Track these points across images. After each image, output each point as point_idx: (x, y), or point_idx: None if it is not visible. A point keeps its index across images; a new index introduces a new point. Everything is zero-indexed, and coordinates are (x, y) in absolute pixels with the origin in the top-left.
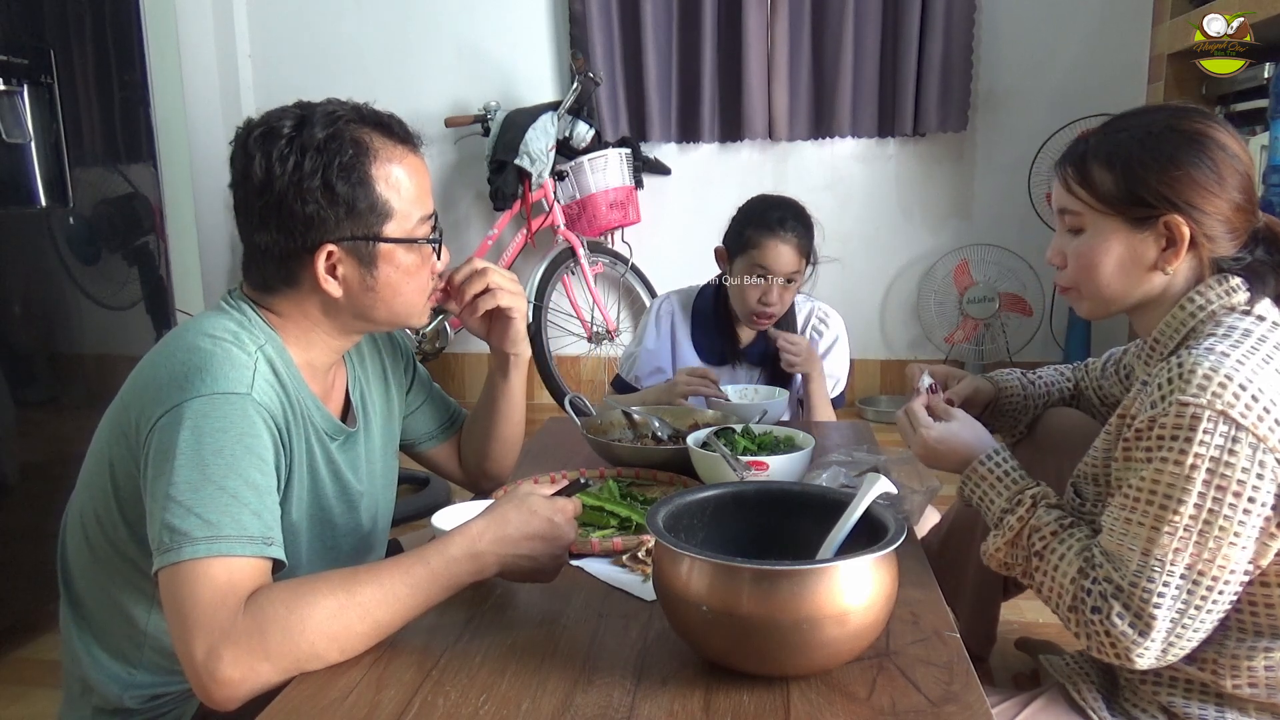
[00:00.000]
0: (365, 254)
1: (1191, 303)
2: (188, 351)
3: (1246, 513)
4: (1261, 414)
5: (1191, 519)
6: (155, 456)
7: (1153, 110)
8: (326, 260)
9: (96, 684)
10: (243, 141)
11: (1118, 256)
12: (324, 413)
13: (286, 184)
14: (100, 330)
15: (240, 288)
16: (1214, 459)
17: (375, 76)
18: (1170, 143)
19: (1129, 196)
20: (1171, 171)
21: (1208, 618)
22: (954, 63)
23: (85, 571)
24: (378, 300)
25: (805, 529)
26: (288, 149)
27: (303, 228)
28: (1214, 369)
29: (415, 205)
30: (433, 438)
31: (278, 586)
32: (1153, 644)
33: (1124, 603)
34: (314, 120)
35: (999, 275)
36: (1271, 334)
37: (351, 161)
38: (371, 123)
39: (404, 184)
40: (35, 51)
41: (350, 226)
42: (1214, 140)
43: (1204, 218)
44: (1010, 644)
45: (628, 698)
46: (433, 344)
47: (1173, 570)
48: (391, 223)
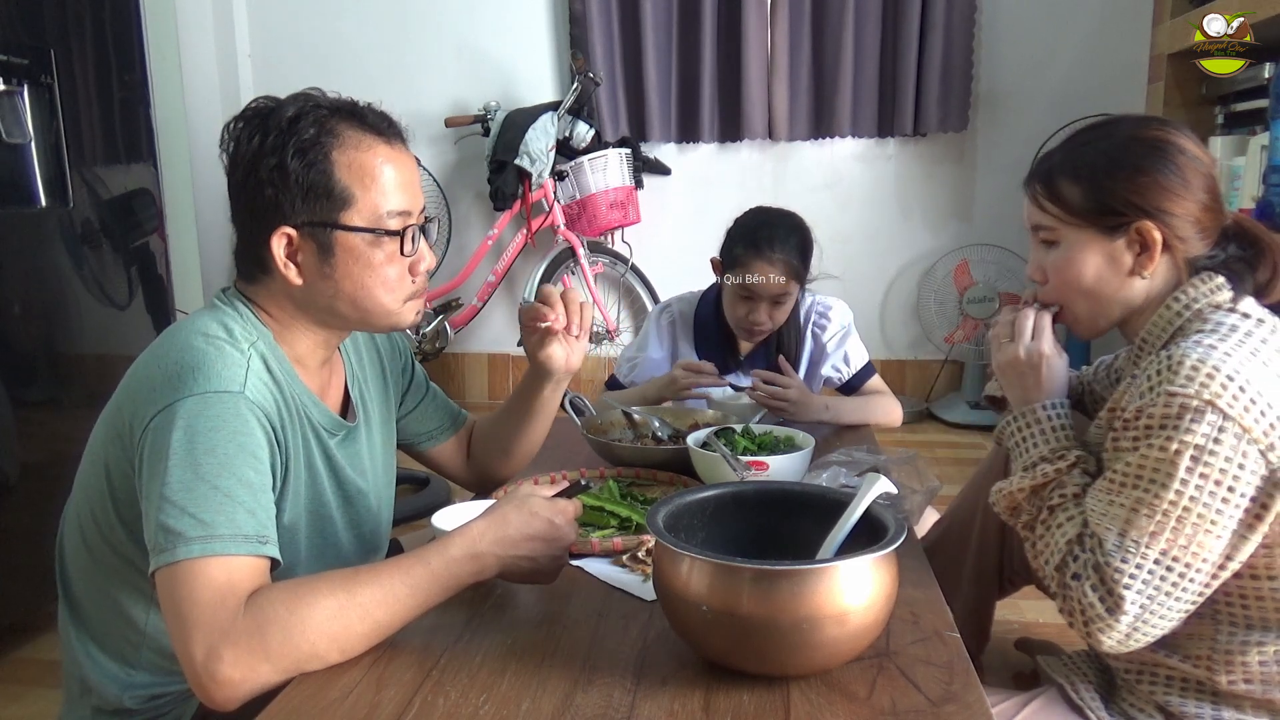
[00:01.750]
0: (322, 241)
1: (1178, 301)
2: (181, 351)
3: (1225, 502)
4: (1248, 405)
5: (1171, 504)
6: (149, 457)
7: (1111, 122)
8: (286, 246)
9: (96, 684)
10: (227, 128)
11: (1095, 266)
12: (321, 408)
13: (249, 163)
14: (100, 330)
15: (234, 284)
16: (1198, 447)
17: (375, 76)
18: (1133, 151)
19: (1099, 207)
20: (1138, 179)
21: (1176, 605)
22: (954, 63)
23: (83, 572)
24: (338, 292)
25: (805, 529)
26: (254, 128)
27: (261, 209)
28: (1202, 360)
29: (383, 197)
30: (433, 437)
31: (277, 586)
32: (1119, 624)
33: (1100, 577)
34: (284, 106)
35: (999, 275)
36: (1258, 330)
37: (310, 143)
38: (346, 112)
39: (371, 174)
40: (35, 51)
41: (306, 211)
42: (1175, 145)
43: (1173, 220)
44: (1010, 644)
45: (628, 698)
46: (433, 344)
47: (1147, 553)
48: (351, 211)
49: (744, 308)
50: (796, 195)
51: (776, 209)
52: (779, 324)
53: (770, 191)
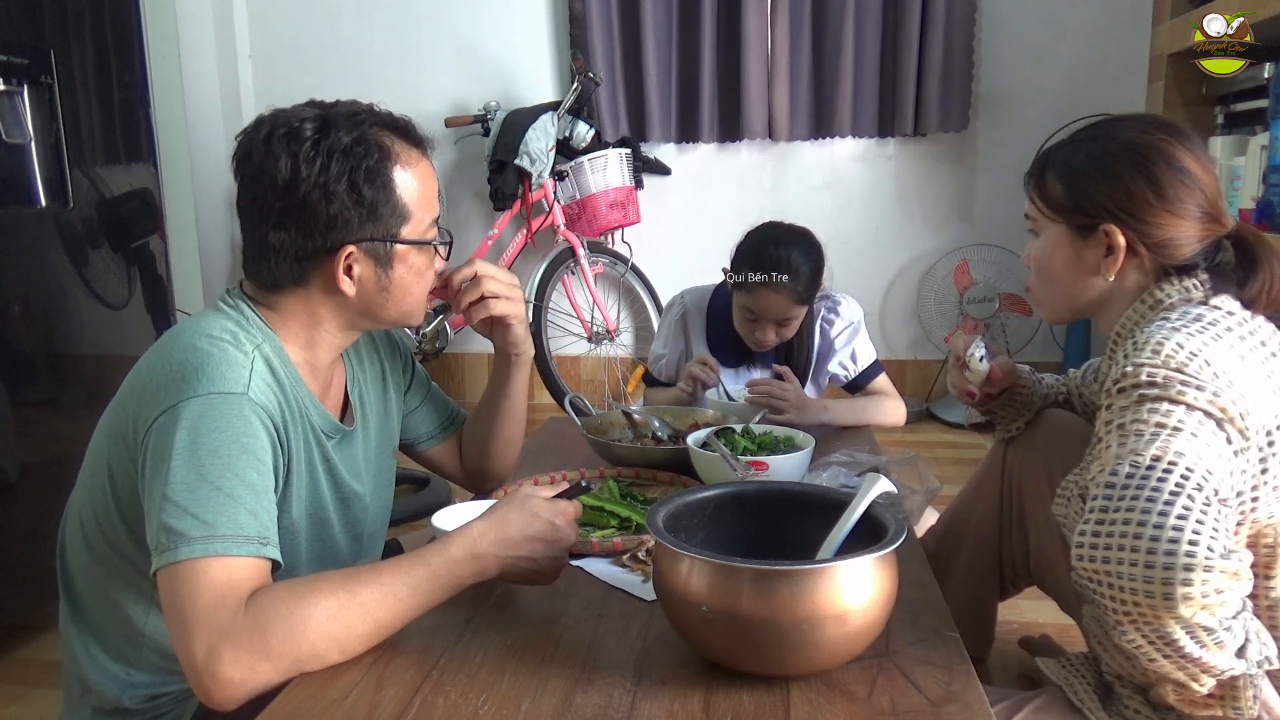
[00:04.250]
0: (383, 255)
1: (1151, 297)
2: (185, 351)
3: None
4: (1211, 377)
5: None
6: (152, 457)
7: (1111, 122)
8: (345, 260)
9: (96, 684)
10: (264, 141)
11: (1063, 260)
12: (321, 411)
13: (313, 186)
14: (100, 330)
15: (240, 286)
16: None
17: (375, 76)
18: (1115, 156)
19: (1073, 206)
20: (1112, 184)
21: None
22: (954, 63)
23: (84, 572)
24: (389, 300)
25: (805, 529)
26: (314, 151)
27: (325, 228)
28: (1165, 338)
29: (427, 208)
30: (432, 437)
31: (278, 586)
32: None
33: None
34: (337, 123)
35: (999, 275)
36: (1225, 319)
37: (377, 165)
38: (391, 126)
39: (419, 187)
40: (35, 51)
41: (372, 228)
42: (1162, 154)
43: (1144, 227)
44: (1011, 644)
45: (628, 698)
46: (433, 344)
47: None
48: (408, 225)
49: (751, 326)
50: (796, 195)
51: (788, 227)
52: (787, 339)
53: (770, 192)
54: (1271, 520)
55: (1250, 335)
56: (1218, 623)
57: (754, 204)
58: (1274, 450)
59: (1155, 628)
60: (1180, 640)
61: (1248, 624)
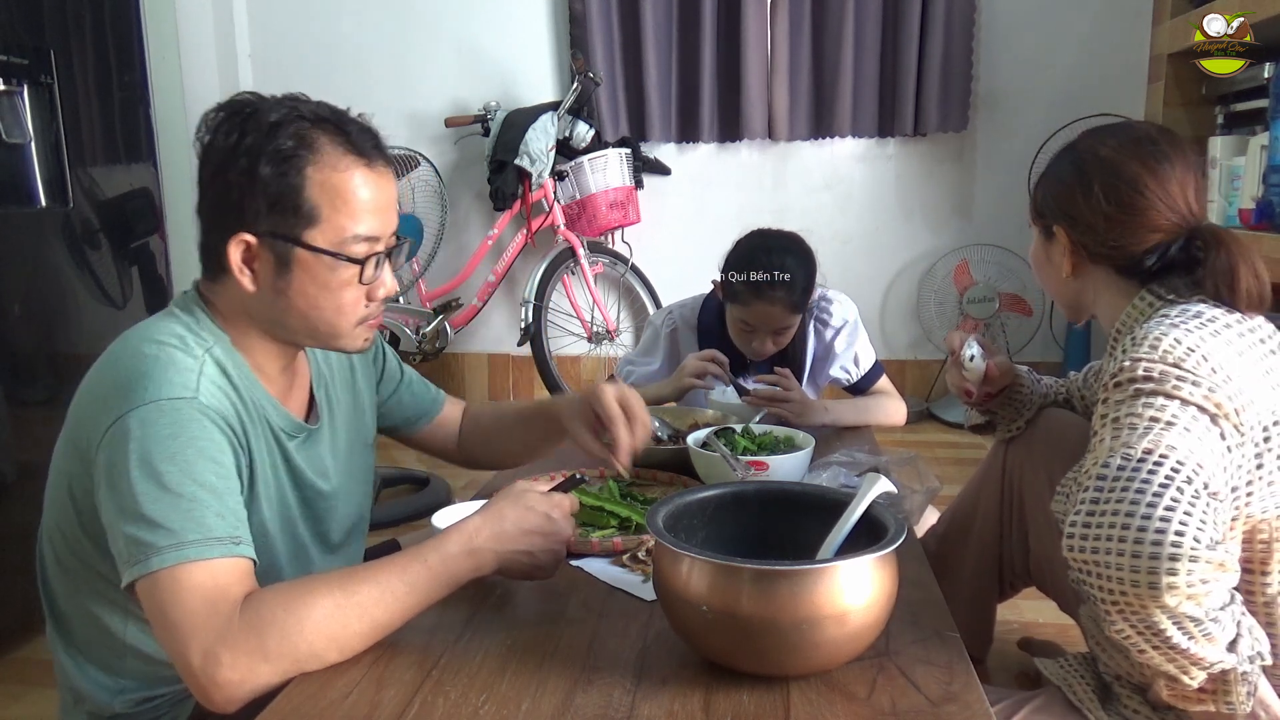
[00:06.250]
0: (281, 254)
1: (1143, 299)
2: (131, 359)
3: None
4: (1209, 372)
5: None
6: (108, 471)
7: (1093, 130)
8: (244, 251)
9: (87, 694)
10: (211, 114)
11: (1040, 261)
12: (281, 411)
13: (221, 160)
14: (100, 330)
15: (197, 282)
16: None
17: (375, 76)
18: (1061, 159)
19: (1037, 208)
20: (1056, 188)
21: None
22: (954, 63)
23: (62, 588)
24: (290, 308)
25: (805, 529)
26: (231, 126)
27: (225, 209)
28: (1164, 334)
29: (351, 221)
30: (413, 423)
31: (274, 588)
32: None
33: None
34: (272, 108)
35: (999, 275)
36: (1224, 316)
37: (287, 154)
38: (330, 125)
39: (343, 196)
40: (35, 51)
41: (269, 221)
42: (1108, 167)
43: (1087, 230)
44: (1011, 644)
45: (628, 698)
46: (433, 344)
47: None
48: (316, 230)
49: (748, 337)
50: (796, 195)
51: (776, 234)
52: (782, 347)
53: (770, 192)
54: (1266, 516)
55: (1250, 332)
56: (1204, 614)
57: (754, 204)
58: (1270, 446)
59: (1142, 617)
60: (1167, 631)
61: (1239, 618)
